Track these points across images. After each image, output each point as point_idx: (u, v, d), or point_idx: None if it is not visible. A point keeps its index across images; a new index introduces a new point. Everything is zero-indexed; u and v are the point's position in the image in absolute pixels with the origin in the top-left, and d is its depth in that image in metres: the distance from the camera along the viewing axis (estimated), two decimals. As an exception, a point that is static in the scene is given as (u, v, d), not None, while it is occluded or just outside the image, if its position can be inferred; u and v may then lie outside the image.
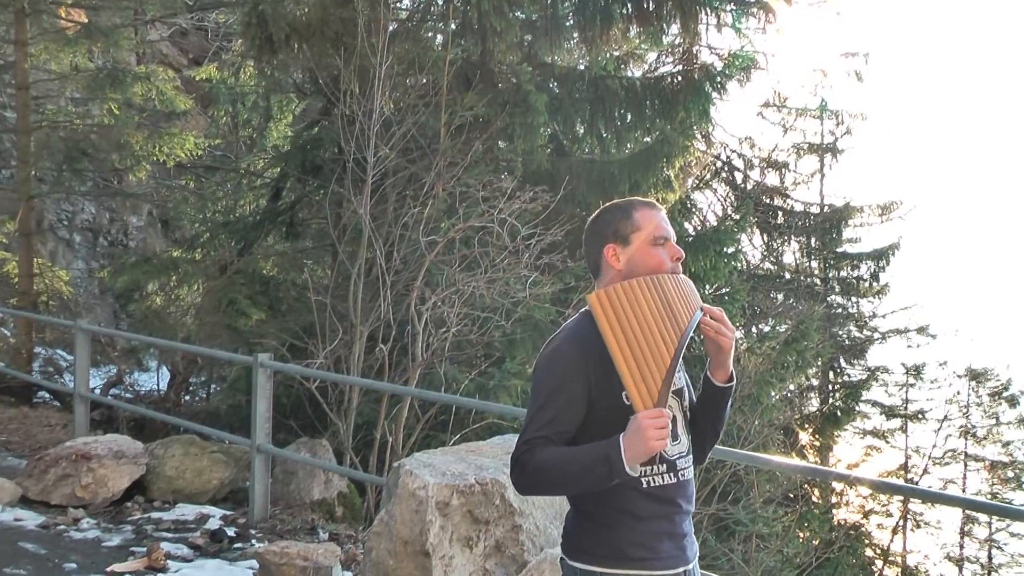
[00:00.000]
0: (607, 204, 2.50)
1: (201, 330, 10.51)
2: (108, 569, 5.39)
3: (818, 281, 21.07)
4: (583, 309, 2.43)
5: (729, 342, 2.36)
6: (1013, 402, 21.62)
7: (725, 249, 10.57)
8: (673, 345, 2.20)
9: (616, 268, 2.37)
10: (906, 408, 21.54)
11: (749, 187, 19.97)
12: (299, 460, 7.18)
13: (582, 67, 11.17)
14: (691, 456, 2.44)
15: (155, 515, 6.65)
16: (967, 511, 19.32)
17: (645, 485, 2.29)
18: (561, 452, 2.19)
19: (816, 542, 12.32)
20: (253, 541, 6.18)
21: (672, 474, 2.34)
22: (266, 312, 10.03)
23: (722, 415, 2.48)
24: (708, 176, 18.04)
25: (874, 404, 21.15)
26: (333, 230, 8.85)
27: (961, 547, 20.35)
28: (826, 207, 21.20)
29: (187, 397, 12.51)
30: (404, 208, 8.32)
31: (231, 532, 6.30)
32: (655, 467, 2.30)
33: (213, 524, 6.48)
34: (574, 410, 2.25)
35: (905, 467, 21.03)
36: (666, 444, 2.12)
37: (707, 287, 10.60)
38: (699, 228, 14.70)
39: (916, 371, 21.59)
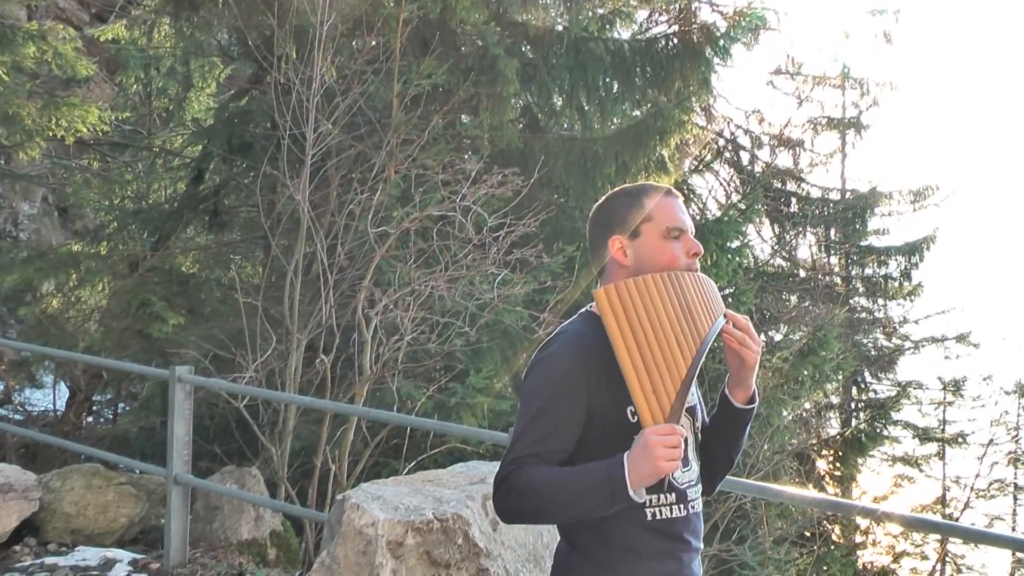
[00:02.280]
0: (615, 190, 2.53)
1: (107, 338, 10.48)
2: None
3: (839, 280, 21.16)
4: (584, 309, 2.48)
5: (754, 356, 2.39)
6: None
7: (729, 243, 10.64)
8: (691, 353, 2.23)
9: (622, 263, 2.40)
10: (944, 430, 21.53)
11: (757, 169, 20.03)
12: (224, 493, 7.19)
13: (560, 27, 11.22)
14: (700, 486, 2.47)
15: (49, 560, 6.63)
16: (1017, 553, 19.46)
17: (650, 517, 2.31)
18: (554, 473, 2.20)
19: (837, 588, 12.42)
20: (169, 589, 6.19)
21: (681, 505, 2.36)
22: (185, 317, 10.01)
23: (739, 440, 2.52)
24: (709, 156, 18.09)
25: (906, 426, 21.07)
26: (265, 220, 8.85)
27: (1010, 595, 20.48)
28: (848, 193, 21.30)
29: (90, 419, 12.45)
30: (350, 194, 8.33)
31: (143, 579, 6.30)
32: (663, 496, 2.33)
33: (120, 570, 6.47)
34: (571, 425, 2.26)
35: (943, 501, 21.06)
36: (677, 466, 2.14)
37: (707, 287, 10.67)
38: (698, 218, 14.77)
39: (956, 387, 21.54)
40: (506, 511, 2.27)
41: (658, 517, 2.32)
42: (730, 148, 19.73)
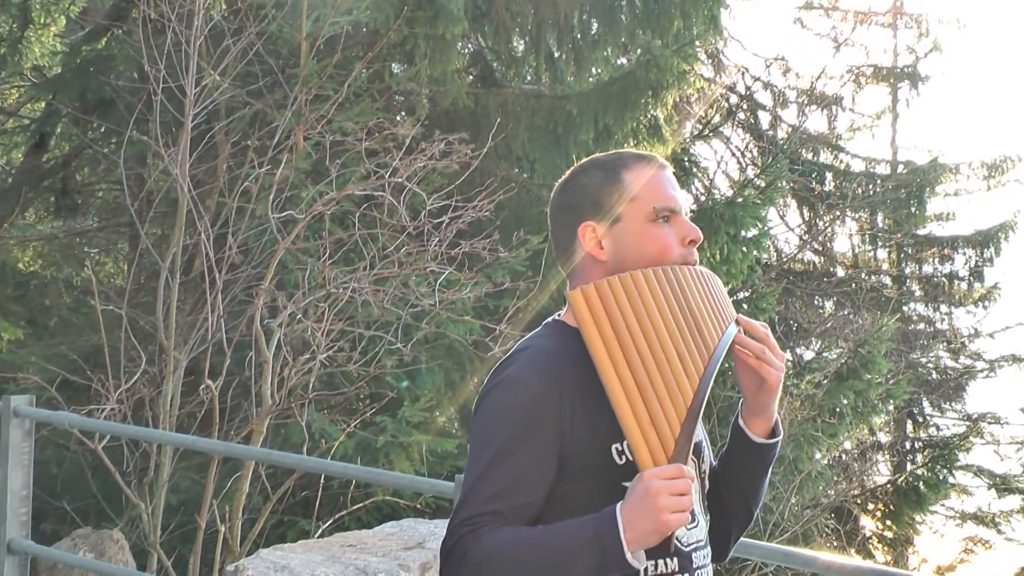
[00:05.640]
0: (582, 162, 2.51)
1: (-82, 359, 10.44)
2: None
3: (888, 281, 21.28)
4: (550, 319, 2.47)
5: (777, 375, 2.38)
6: None
7: (744, 231, 10.74)
8: (698, 373, 2.22)
9: (598, 258, 2.39)
10: (1030, 479, 21.61)
11: (781, 135, 20.11)
12: (76, 564, 7.18)
13: (522, -52, 11.29)
14: (709, 548, 2.46)
15: None
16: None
17: None
18: (523, 535, 2.17)
19: None
20: None
21: (687, 575, 2.34)
22: (24, 330, 9.99)
23: (760, 486, 2.51)
24: (718, 118, 18.18)
25: (978, 472, 20.95)
26: (132, 201, 8.84)
27: None
28: (901, 166, 21.44)
29: None
30: (244, 167, 8.34)
31: (-31, 678, 6.29)
32: (663, 563, 2.28)
33: (-62, 666, 6.46)
34: (540, 472, 2.23)
35: (1030, 571, 21.17)
36: (687, 519, 2.12)
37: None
38: (704, 198, 14.89)
39: (1045, 421, 21.64)
40: None
41: None
42: (745, 107, 19.86)
